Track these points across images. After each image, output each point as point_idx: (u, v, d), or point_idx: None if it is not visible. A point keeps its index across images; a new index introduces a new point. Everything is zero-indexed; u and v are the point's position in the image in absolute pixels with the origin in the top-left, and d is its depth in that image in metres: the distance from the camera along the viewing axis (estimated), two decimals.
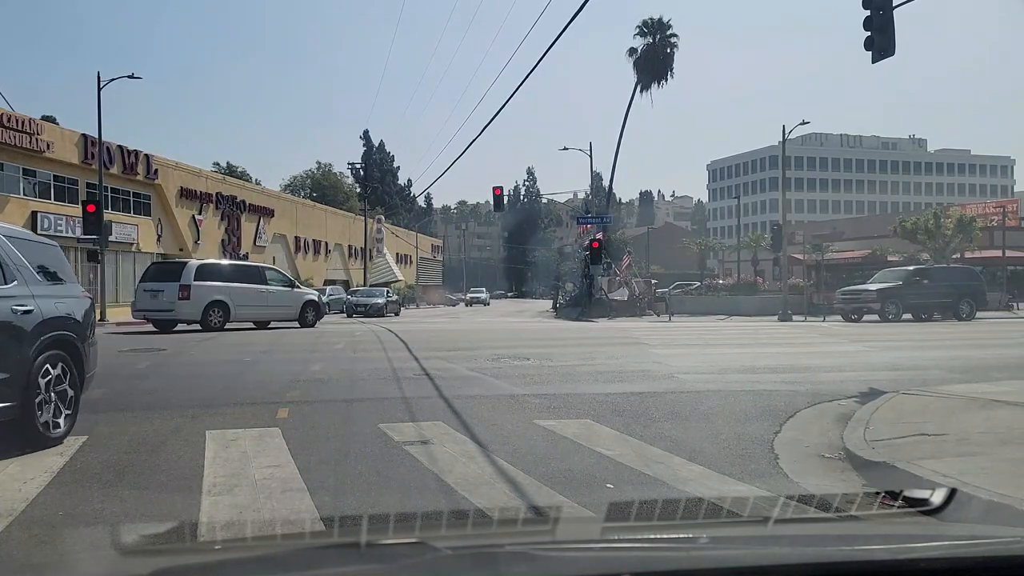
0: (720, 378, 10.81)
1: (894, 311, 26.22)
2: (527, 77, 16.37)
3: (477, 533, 2.62)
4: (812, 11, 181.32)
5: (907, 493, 3.22)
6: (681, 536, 2.29)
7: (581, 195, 61.34)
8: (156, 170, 38.82)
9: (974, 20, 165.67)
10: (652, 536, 2.28)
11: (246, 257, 47.52)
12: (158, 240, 40.01)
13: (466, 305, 64.15)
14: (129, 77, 29.40)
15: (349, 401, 8.59)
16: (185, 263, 21.92)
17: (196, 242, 42.56)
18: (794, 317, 29.10)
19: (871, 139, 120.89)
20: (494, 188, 33.59)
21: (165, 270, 21.64)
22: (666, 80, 44.43)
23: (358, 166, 71.35)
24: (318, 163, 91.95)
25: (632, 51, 44.55)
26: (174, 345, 16.15)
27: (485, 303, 65.93)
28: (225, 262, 24.40)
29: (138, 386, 9.71)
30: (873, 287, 27.26)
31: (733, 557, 1.82)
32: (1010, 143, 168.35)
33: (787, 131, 32.64)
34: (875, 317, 26.27)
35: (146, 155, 38.05)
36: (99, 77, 28.74)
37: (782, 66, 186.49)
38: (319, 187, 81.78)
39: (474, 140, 55.86)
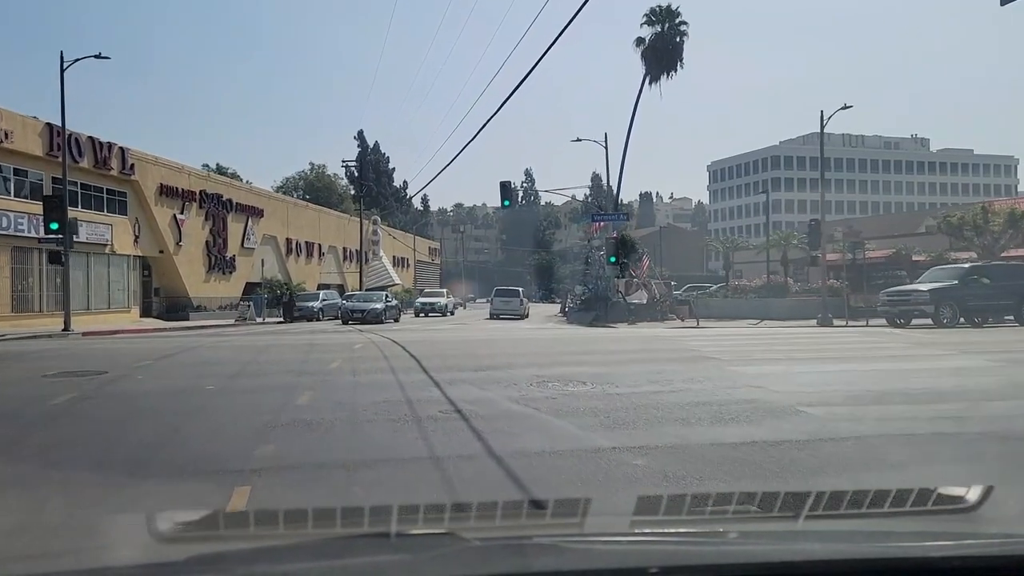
0: (856, 412, 7.94)
1: (950, 315, 23.12)
2: (527, 76, 13.88)
3: (506, 525, 2.73)
4: (811, 11, 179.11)
5: (941, 491, 3.25)
6: (710, 531, 2.41)
7: (580, 197, 58.38)
8: (132, 165, 35.47)
9: (977, 21, 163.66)
10: (681, 530, 2.45)
11: (232, 260, 44.34)
12: (135, 241, 36.69)
13: (415, 315, 43.04)
14: (96, 57, 26.35)
15: (350, 467, 5.47)
16: (521, 289, 42.72)
17: (178, 243, 39.21)
18: (834, 321, 26.13)
19: (873, 139, 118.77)
20: (501, 182, 31.32)
21: (509, 291, 40.90)
22: (675, 71, 41.29)
23: (352, 164, 68.05)
24: (311, 164, 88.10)
25: (640, 40, 41.39)
26: (122, 367, 12.78)
27: (445, 312, 43.48)
28: (509, 288, 42.30)
29: (36, 435, 6.59)
30: (924, 287, 24.19)
31: (762, 552, 1.74)
32: (1013, 143, 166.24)
33: (826, 118, 29.70)
34: (927, 321, 23.21)
35: (121, 148, 34.69)
36: (62, 57, 25.54)
37: (781, 67, 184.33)
38: (312, 189, 78.27)
39: (471, 140, 53.07)
